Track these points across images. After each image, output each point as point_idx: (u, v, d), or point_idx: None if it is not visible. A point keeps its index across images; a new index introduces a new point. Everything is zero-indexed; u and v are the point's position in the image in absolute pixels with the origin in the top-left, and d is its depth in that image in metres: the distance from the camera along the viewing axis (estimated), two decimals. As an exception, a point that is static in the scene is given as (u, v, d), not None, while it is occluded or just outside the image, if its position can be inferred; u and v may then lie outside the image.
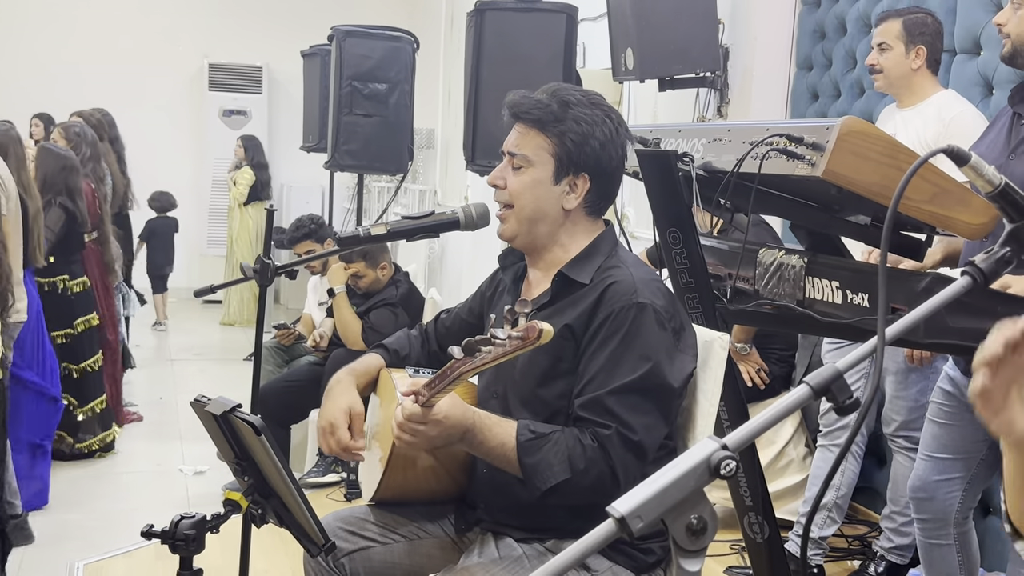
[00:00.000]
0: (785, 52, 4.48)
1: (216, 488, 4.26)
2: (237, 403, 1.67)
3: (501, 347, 1.53)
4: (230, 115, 9.22)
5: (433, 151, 8.39)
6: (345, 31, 5.16)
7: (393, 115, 5.18)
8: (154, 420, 5.43)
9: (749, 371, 3.77)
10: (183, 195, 9.23)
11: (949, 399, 2.48)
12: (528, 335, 1.50)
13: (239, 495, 1.74)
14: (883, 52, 3.08)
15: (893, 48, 3.06)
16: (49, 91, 8.21)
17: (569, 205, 1.91)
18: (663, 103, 4.82)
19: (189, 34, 9.19)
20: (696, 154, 2.16)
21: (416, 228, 2.03)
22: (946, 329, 1.78)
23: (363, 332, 4.37)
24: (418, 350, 2.14)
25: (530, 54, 4.08)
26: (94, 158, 5.01)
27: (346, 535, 2.00)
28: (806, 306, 2.03)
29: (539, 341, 1.50)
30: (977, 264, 1.07)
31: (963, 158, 1.07)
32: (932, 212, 1.82)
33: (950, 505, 2.53)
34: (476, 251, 6.38)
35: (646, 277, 1.88)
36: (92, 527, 3.92)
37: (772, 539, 2.38)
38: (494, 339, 1.53)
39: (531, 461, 1.75)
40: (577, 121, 1.87)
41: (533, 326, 1.50)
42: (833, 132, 1.77)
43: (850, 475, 3.39)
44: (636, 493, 0.93)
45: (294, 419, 4.58)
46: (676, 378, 1.82)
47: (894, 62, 3.07)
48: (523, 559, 1.87)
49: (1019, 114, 2.36)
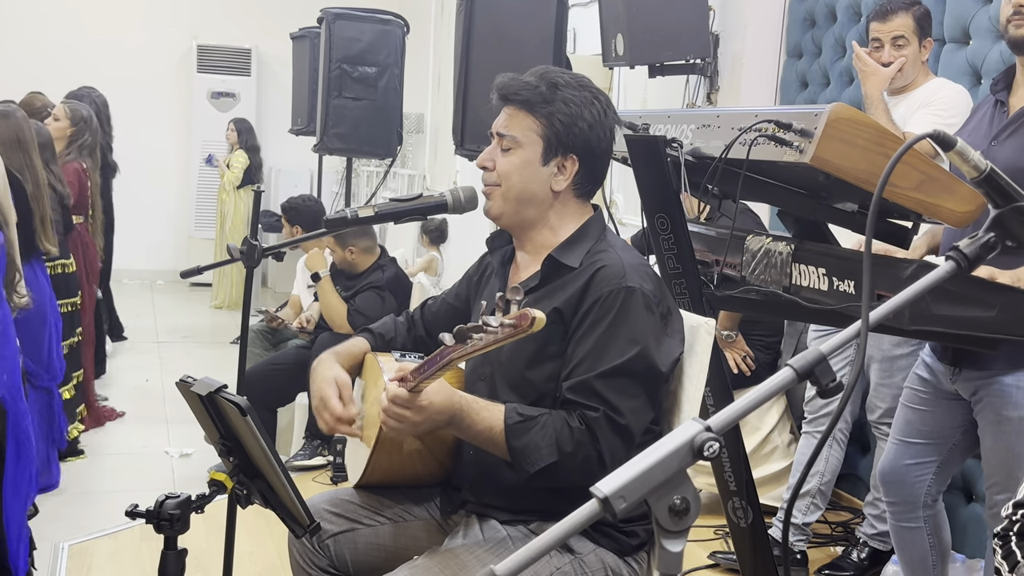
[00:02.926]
0: (775, 40, 4.48)
1: (202, 470, 4.25)
2: (223, 383, 1.67)
3: (493, 335, 1.52)
4: (218, 97, 9.17)
5: (422, 135, 8.37)
6: (335, 13, 5.13)
7: (382, 99, 5.16)
8: (140, 403, 5.42)
9: (735, 358, 3.79)
10: (170, 177, 9.20)
11: (924, 385, 2.49)
12: (520, 323, 1.50)
13: (224, 475, 1.74)
14: (900, 48, 3.01)
15: (911, 43, 3.01)
16: (36, 70, 8.14)
17: (558, 187, 1.91)
18: (653, 89, 4.82)
19: (178, 15, 9.14)
20: (685, 140, 2.16)
21: (404, 210, 2.03)
22: (931, 316, 1.80)
23: (349, 315, 4.37)
24: (404, 335, 2.14)
25: (520, 39, 4.06)
26: (94, 145, 4.95)
27: (332, 517, 2.01)
28: (792, 293, 2.04)
29: (531, 329, 1.49)
30: (961, 249, 1.08)
31: (949, 143, 1.07)
32: (918, 199, 1.82)
33: (919, 489, 2.55)
34: (463, 237, 6.37)
35: (635, 261, 1.88)
36: (77, 509, 3.92)
37: (756, 524, 2.39)
38: (486, 326, 1.53)
39: (519, 444, 1.76)
40: (566, 102, 1.87)
41: (525, 314, 1.49)
42: (821, 119, 1.77)
43: (834, 462, 3.42)
44: (619, 474, 0.93)
45: (280, 402, 4.58)
46: (663, 362, 1.83)
47: (912, 57, 3.03)
48: (507, 541, 1.88)
49: (1001, 102, 2.37)
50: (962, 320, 1.82)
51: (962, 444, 2.50)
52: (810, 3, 4.32)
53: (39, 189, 3.78)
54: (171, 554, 1.71)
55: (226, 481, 1.73)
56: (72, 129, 4.86)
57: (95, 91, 5.85)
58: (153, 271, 8.88)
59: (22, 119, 3.88)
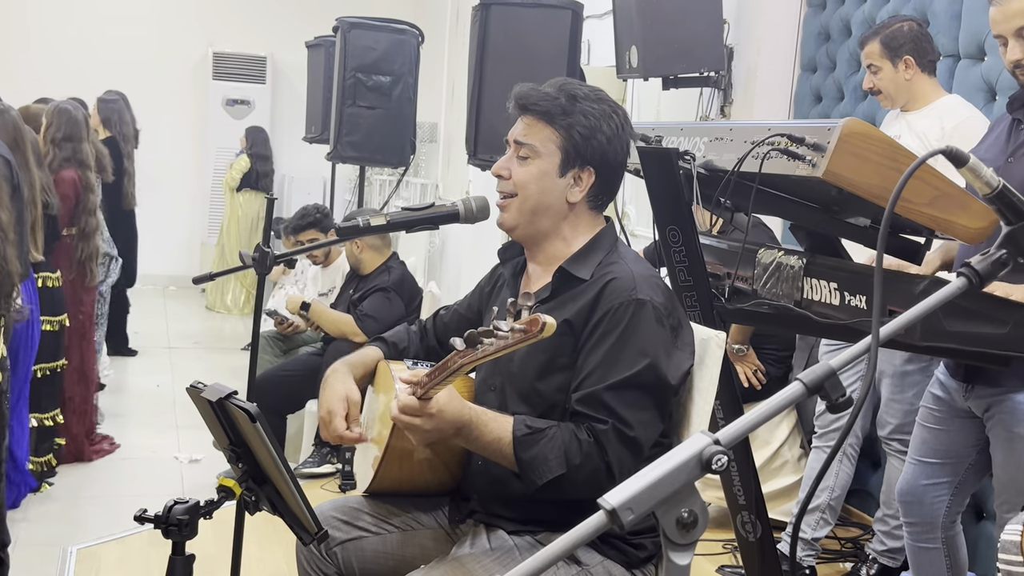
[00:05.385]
0: (790, 53, 4.47)
1: (211, 476, 4.26)
2: (233, 389, 1.68)
3: (503, 340, 1.52)
4: (233, 104, 9.22)
5: (436, 145, 8.39)
6: (350, 23, 5.15)
7: (396, 108, 5.18)
8: (150, 408, 5.44)
9: (746, 372, 3.78)
10: (185, 184, 9.23)
11: (939, 404, 2.48)
12: (531, 328, 1.49)
13: (233, 482, 1.74)
14: (875, 74, 3.12)
15: (882, 68, 3.10)
16: (53, 76, 8.19)
17: (573, 198, 1.91)
18: (666, 102, 4.81)
19: (194, 22, 9.19)
20: (697, 152, 2.16)
21: (415, 220, 2.03)
22: (943, 333, 1.79)
23: (358, 320, 4.37)
24: (417, 344, 2.14)
25: (534, 50, 4.08)
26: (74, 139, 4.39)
27: (340, 524, 2.01)
28: (804, 307, 2.03)
29: (542, 334, 1.49)
30: (973, 266, 1.07)
31: (961, 159, 1.07)
32: (931, 215, 1.82)
33: (938, 509, 2.54)
34: (476, 245, 6.38)
35: (645, 273, 1.89)
36: (86, 513, 3.93)
37: (765, 539, 2.38)
38: (496, 331, 1.52)
39: (527, 456, 1.76)
40: (585, 115, 1.88)
41: (536, 319, 1.49)
42: (834, 133, 1.77)
43: (844, 477, 3.40)
44: (627, 486, 0.93)
45: (291, 409, 4.59)
46: (673, 375, 1.82)
47: (888, 80, 3.11)
48: (514, 551, 1.88)
49: (1018, 120, 2.36)
50: (974, 336, 1.81)
51: (978, 463, 2.49)
52: (825, 17, 4.32)
53: (33, 192, 3.59)
54: (179, 559, 1.71)
55: (235, 487, 1.73)
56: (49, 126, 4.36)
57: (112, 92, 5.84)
58: (166, 276, 8.91)
59: (17, 118, 3.66)
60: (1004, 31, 2.24)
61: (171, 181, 9.00)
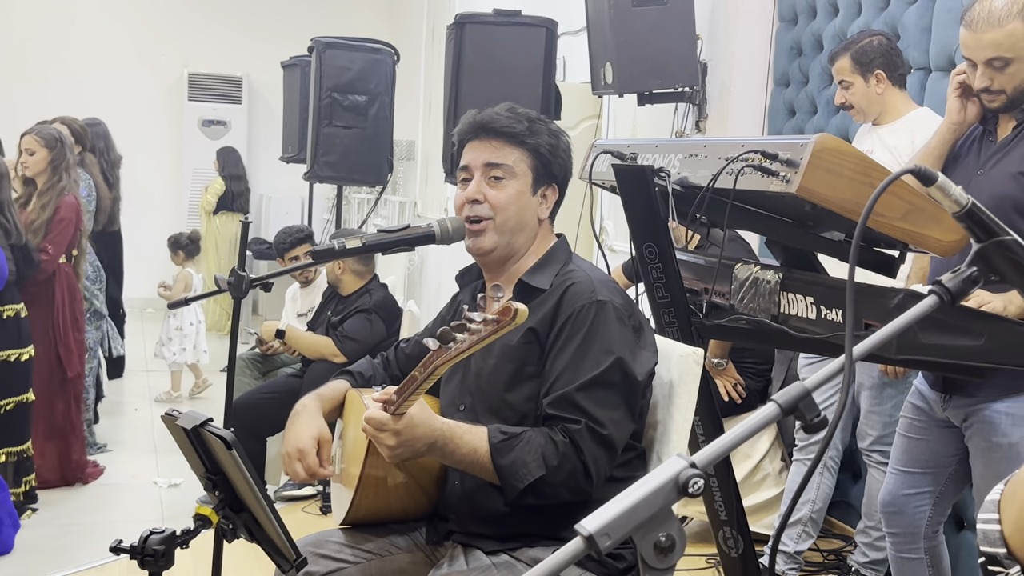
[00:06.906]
0: (763, 68, 4.51)
1: (191, 500, 4.22)
2: (208, 417, 1.66)
3: (477, 333, 1.51)
4: (209, 125, 9.19)
5: (413, 163, 8.39)
6: (325, 42, 5.16)
7: (372, 127, 5.18)
8: (128, 433, 5.39)
9: (726, 386, 3.78)
10: (161, 206, 9.18)
11: (919, 413, 2.49)
12: (503, 317, 1.49)
13: (210, 510, 1.73)
14: (846, 89, 3.15)
15: (854, 83, 3.13)
16: (27, 99, 8.15)
17: (543, 215, 2.00)
18: (642, 117, 4.83)
19: (169, 44, 9.16)
20: (672, 169, 2.16)
21: (391, 241, 2.03)
22: (919, 346, 1.80)
23: (338, 342, 4.35)
24: (382, 373, 2.15)
25: (510, 67, 4.09)
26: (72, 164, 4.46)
27: (317, 559, 1.98)
28: (781, 321, 2.04)
29: (515, 322, 1.49)
30: (944, 284, 1.08)
31: (930, 178, 1.08)
32: (904, 229, 1.83)
33: (920, 519, 2.55)
34: (455, 263, 6.36)
35: (603, 278, 1.95)
36: (65, 539, 3.88)
37: (747, 554, 2.38)
38: (469, 323, 1.52)
39: (505, 462, 1.76)
40: (546, 135, 1.97)
41: (508, 307, 1.49)
42: (807, 149, 1.78)
43: (825, 489, 3.41)
44: (604, 511, 0.93)
45: (271, 431, 4.54)
46: (640, 371, 1.86)
47: (860, 95, 3.13)
48: (492, 569, 1.87)
49: (988, 131, 2.38)
50: (950, 349, 1.82)
51: (958, 473, 2.50)
52: (796, 32, 4.36)
53: None
54: (156, 590, 1.70)
55: (211, 516, 1.72)
56: (51, 153, 4.38)
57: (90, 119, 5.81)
58: (143, 299, 8.85)
59: None
60: (975, 57, 2.26)
61: (148, 203, 8.95)
